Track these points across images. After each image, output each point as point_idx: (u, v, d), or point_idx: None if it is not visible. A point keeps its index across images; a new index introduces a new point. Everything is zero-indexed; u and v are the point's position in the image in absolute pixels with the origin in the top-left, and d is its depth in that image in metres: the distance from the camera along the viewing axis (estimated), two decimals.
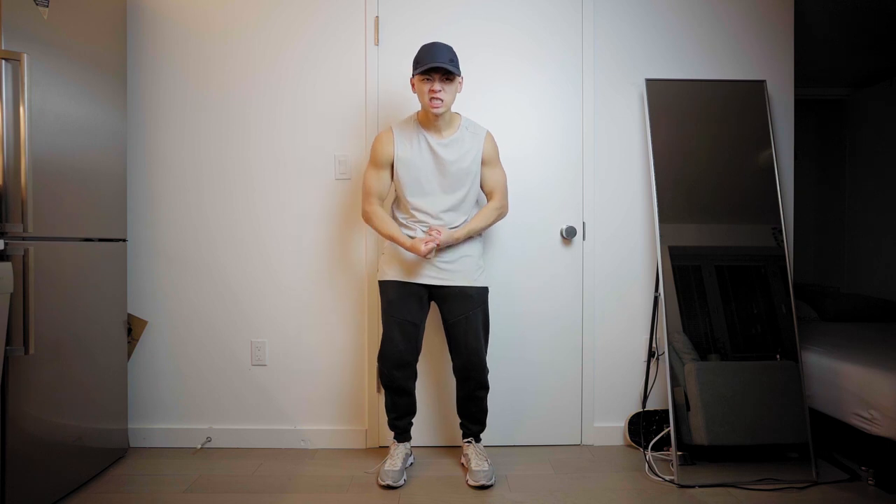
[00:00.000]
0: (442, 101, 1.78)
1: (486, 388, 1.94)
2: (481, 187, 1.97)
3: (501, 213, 1.98)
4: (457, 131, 1.89)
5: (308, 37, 2.25)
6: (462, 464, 2.03)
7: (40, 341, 1.64)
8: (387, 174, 1.92)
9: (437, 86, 1.77)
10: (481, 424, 2.00)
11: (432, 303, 1.96)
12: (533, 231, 2.27)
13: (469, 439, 2.00)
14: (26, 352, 1.54)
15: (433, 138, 1.87)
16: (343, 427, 2.25)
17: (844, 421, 1.96)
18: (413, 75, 1.83)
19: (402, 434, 2.01)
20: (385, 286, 1.92)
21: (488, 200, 1.98)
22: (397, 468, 1.91)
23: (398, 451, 1.97)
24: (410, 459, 2.05)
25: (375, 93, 2.24)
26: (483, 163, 1.92)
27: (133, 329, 2.21)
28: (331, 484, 1.90)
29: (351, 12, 2.25)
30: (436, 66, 1.75)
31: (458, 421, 2.04)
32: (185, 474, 1.97)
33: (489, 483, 1.85)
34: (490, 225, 1.96)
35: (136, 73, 2.24)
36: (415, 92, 1.87)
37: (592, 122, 2.27)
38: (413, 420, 2.04)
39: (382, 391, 2.22)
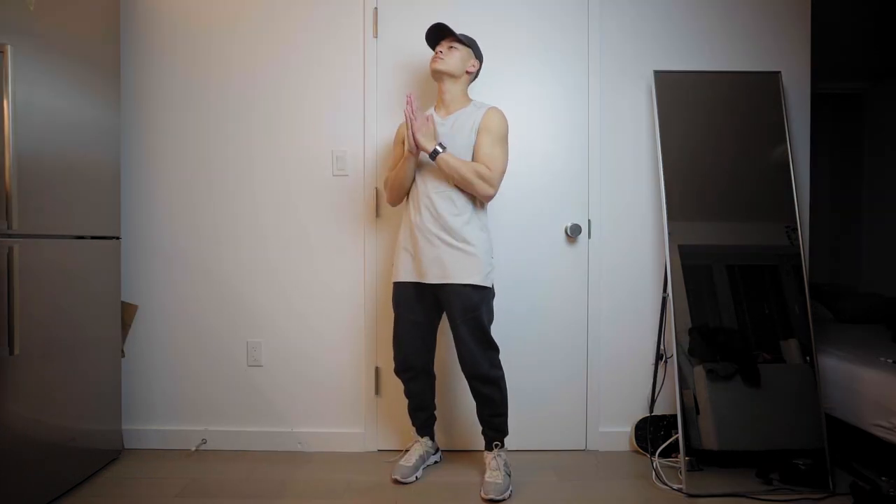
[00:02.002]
0: (443, 59, 1.81)
1: (495, 392, 1.84)
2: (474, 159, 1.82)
3: (484, 179, 1.74)
4: (461, 109, 1.86)
5: (306, 29, 2.19)
6: None
7: (29, 341, 1.60)
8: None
9: (441, 47, 1.84)
10: (496, 430, 1.90)
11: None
12: (536, 228, 2.19)
13: (491, 446, 1.91)
14: (11, 352, 1.49)
15: (438, 117, 1.87)
16: (340, 430, 2.19)
17: (862, 429, 1.87)
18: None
19: (421, 429, 2.00)
20: (395, 287, 1.89)
21: None
22: (410, 464, 1.91)
23: (415, 448, 1.98)
24: (434, 458, 2.04)
25: (374, 86, 2.18)
26: (478, 132, 1.80)
27: (124, 314, 2.16)
28: (326, 489, 1.85)
29: (350, 4, 2.19)
30: (436, 24, 1.82)
31: None
32: (178, 477, 1.93)
33: (499, 498, 1.74)
34: (467, 180, 1.74)
35: (131, 68, 2.20)
36: None
37: (598, 115, 2.19)
38: (430, 420, 2.02)
39: (380, 393, 2.19)
